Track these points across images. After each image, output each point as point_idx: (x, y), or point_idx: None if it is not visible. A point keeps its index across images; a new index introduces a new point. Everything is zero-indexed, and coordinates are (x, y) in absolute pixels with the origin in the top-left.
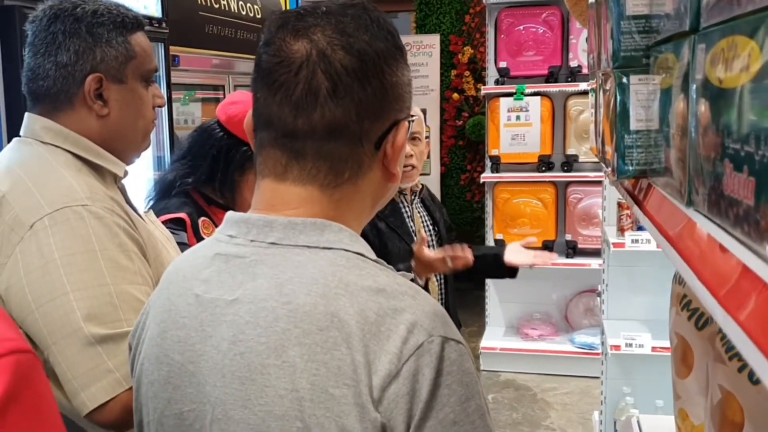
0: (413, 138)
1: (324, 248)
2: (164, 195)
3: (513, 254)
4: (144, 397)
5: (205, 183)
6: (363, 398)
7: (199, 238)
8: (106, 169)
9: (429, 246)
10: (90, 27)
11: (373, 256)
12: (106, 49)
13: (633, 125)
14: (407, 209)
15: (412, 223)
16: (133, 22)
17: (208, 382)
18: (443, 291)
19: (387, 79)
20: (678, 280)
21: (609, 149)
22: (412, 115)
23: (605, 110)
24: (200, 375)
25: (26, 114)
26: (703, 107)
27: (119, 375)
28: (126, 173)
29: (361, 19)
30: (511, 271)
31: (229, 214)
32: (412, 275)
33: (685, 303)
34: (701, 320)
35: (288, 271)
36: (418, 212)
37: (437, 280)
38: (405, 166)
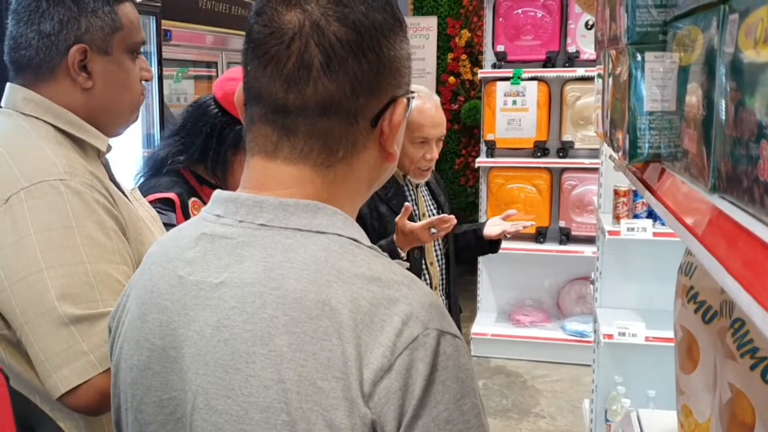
0: (438, 140)
1: (316, 232)
2: (155, 173)
3: (490, 227)
4: (122, 382)
5: (198, 161)
6: (353, 392)
7: (188, 219)
8: (88, 143)
9: (429, 247)
10: None
11: (367, 242)
12: (91, 19)
13: (647, 106)
14: (411, 192)
15: (416, 207)
16: None
17: (190, 368)
18: (444, 276)
19: (384, 52)
20: (684, 270)
21: (619, 132)
22: (412, 92)
23: (614, 90)
24: (182, 361)
25: (8, 84)
26: (735, 83)
27: (93, 357)
28: (110, 148)
29: None
30: (492, 246)
31: (217, 192)
32: (407, 264)
33: (691, 295)
34: (708, 313)
35: (277, 254)
36: (423, 196)
37: (439, 265)
38: (424, 168)
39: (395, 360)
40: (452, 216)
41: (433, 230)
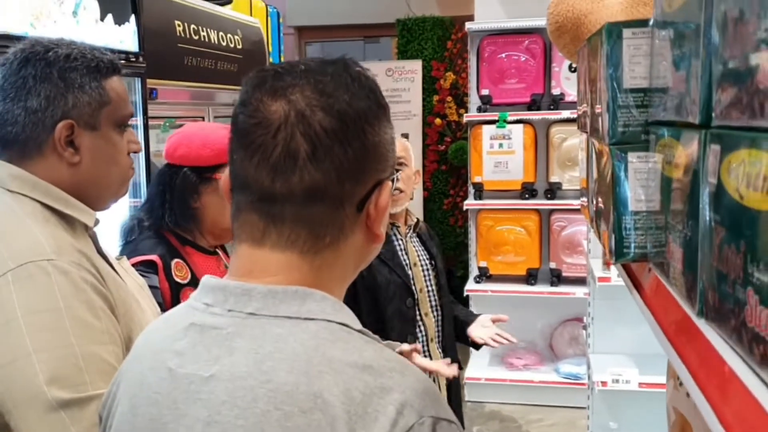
0: (399, 163)
1: (306, 319)
2: (127, 241)
3: (478, 329)
4: None
5: (170, 222)
6: None
7: (171, 281)
8: (75, 219)
9: (430, 288)
10: (62, 72)
11: (358, 325)
12: (78, 95)
13: (632, 206)
14: (400, 242)
15: (405, 257)
16: (109, 66)
17: None
18: (440, 327)
19: (369, 139)
20: None
21: (605, 227)
22: (397, 169)
23: (599, 183)
24: None
25: None
26: (719, 217)
27: None
28: (97, 222)
29: (341, 77)
30: (474, 343)
31: (205, 278)
32: (399, 345)
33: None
34: None
35: (267, 345)
36: (413, 246)
37: (434, 317)
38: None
39: None
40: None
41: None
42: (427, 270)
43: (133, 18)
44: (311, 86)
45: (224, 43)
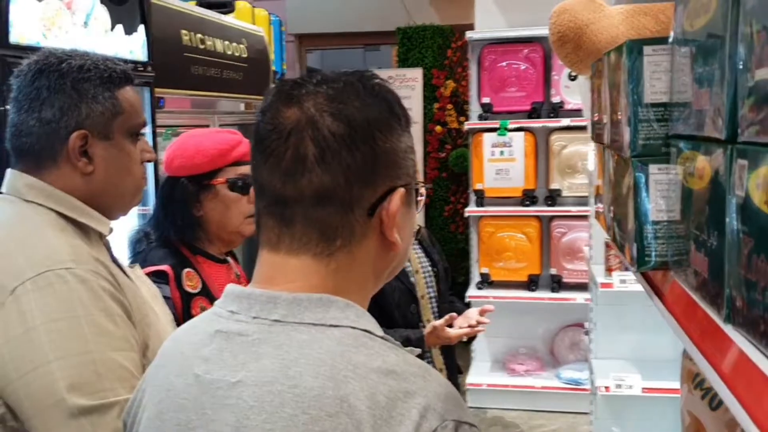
0: None
1: (330, 326)
2: (136, 252)
3: (455, 327)
4: None
5: (175, 234)
6: None
7: (182, 291)
8: (90, 228)
9: (432, 294)
10: (75, 83)
11: (380, 332)
12: (92, 105)
13: (653, 216)
14: None
15: (408, 264)
16: (121, 76)
17: None
18: None
19: (379, 145)
20: (688, 355)
21: (626, 234)
22: (419, 182)
23: (618, 192)
24: None
25: (9, 170)
26: (747, 229)
27: None
28: (111, 230)
29: (353, 86)
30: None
31: (230, 287)
32: (419, 351)
33: (698, 382)
34: (715, 401)
35: (293, 351)
36: (415, 253)
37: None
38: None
39: None
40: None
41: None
42: (429, 277)
43: (141, 28)
44: (323, 94)
45: (230, 52)
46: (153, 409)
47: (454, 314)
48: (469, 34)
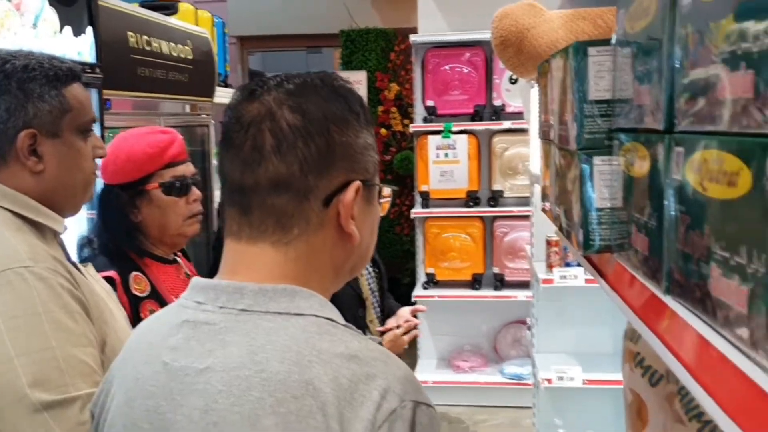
0: None
1: (295, 314)
2: (83, 258)
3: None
4: None
5: (113, 243)
6: None
7: (131, 295)
8: (45, 226)
9: (375, 295)
10: (21, 83)
11: (342, 321)
12: (38, 104)
13: (598, 203)
14: None
15: None
16: (68, 74)
17: None
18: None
19: (335, 138)
20: (629, 337)
21: (573, 222)
22: (385, 184)
23: (562, 183)
24: None
25: None
26: (684, 208)
27: None
28: (65, 228)
29: (313, 83)
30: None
31: (195, 279)
32: (380, 339)
33: (638, 360)
34: (655, 377)
35: (260, 338)
36: None
37: (379, 323)
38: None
39: None
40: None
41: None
42: (371, 277)
43: (90, 30)
44: (284, 90)
45: (175, 54)
46: (121, 397)
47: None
48: (413, 38)
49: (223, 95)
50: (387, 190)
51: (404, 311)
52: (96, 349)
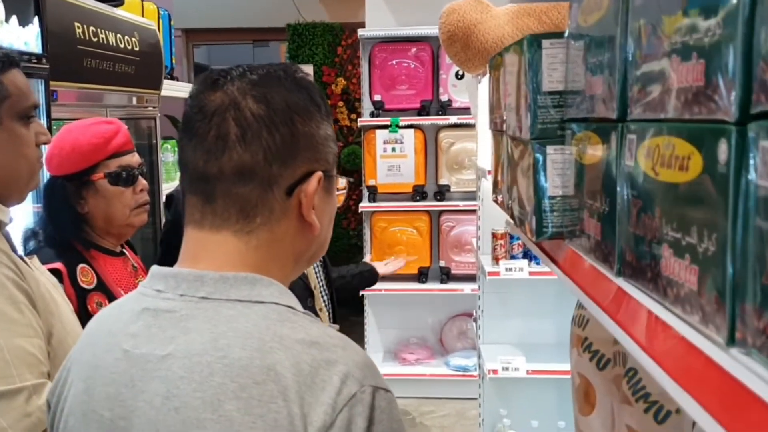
0: None
1: (256, 302)
2: (28, 251)
3: (382, 267)
4: None
5: (59, 235)
6: None
7: (77, 288)
8: None
9: (322, 284)
10: None
11: (301, 308)
12: None
13: (550, 191)
14: None
15: None
16: (4, 60)
17: None
18: (332, 320)
19: (299, 128)
20: (577, 323)
21: (526, 211)
22: (338, 175)
23: (515, 173)
24: (132, 431)
25: None
26: (636, 192)
27: None
28: (11, 219)
29: (275, 72)
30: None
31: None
32: (338, 327)
33: (586, 345)
34: (602, 361)
35: (221, 325)
36: None
37: (327, 310)
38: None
39: (336, 416)
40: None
41: None
42: (318, 267)
43: (36, 20)
44: (247, 79)
45: (122, 45)
46: (80, 385)
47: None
48: (360, 32)
49: (170, 88)
50: (342, 182)
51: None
52: (42, 340)
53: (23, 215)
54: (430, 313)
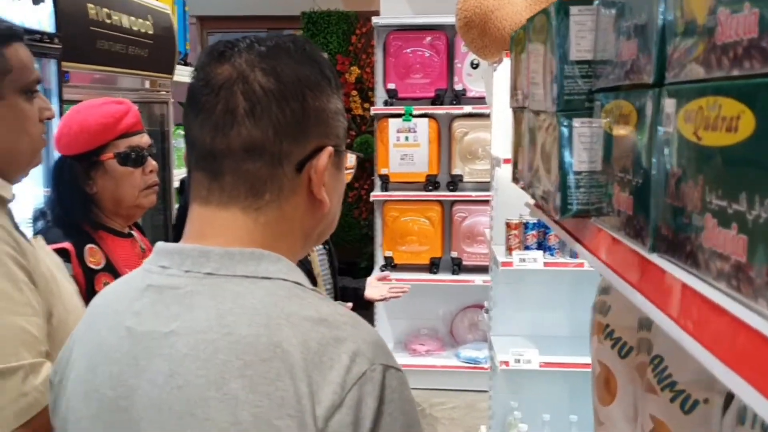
0: None
1: (263, 278)
2: (36, 232)
3: (371, 290)
4: None
5: (67, 216)
6: (308, 429)
7: (85, 268)
8: None
9: (325, 272)
10: None
11: (309, 285)
12: None
13: (576, 166)
14: None
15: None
16: (7, 33)
17: (143, 417)
18: None
19: (309, 102)
20: (598, 309)
21: (549, 188)
22: (348, 150)
23: (541, 150)
24: (134, 411)
25: None
26: (674, 160)
27: (10, 412)
28: (14, 196)
29: (285, 45)
30: (367, 304)
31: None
32: (350, 305)
33: (607, 332)
34: (624, 349)
35: (227, 301)
36: None
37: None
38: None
39: (346, 395)
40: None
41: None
42: (322, 255)
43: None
44: (255, 51)
45: (135, 28)
46: (83, 363)
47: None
48: (374, 20)
49: (183, 73)
50: (352, 159)
51: (373, 279)
52: (41, 320)
53: (33, 197)
54: (441, 304)
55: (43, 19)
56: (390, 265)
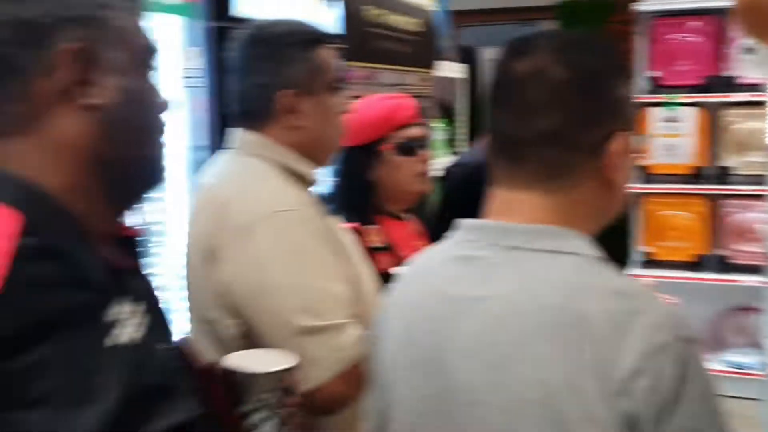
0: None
1: (566, 253)
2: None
3: None
4: (390, 383)
5: (349, 202)
6: (611, 391)
7: (367, 247)
8: (305, 177)
9: None
10: (280, 48)
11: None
12: (297, 66)
13: None
14: None
15: None
16: (318, 37)
17: (458, 368)
18: None
19: (603, 91)
20: None
21: None
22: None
23: None
24: (449, 362)
25: (234, 129)
26: None
27: (328, 363)
28: (316, 180)
29: (578, 39)
30: None
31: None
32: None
33: None
34: None
35: (531, 272)
36: None
37: None
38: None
39: (646, 363)
40: None
41: None
42: None
43: (340, 3)
44: (552, 46)
45: (402, 26)
46: (399, 323)
47: None
48: (637, 6)
49: (441, 68)
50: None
51: None
52: (349, 288)
53: (320, 183)
54: (704, 304)
55: (329, 21)
56: (648, 261)
